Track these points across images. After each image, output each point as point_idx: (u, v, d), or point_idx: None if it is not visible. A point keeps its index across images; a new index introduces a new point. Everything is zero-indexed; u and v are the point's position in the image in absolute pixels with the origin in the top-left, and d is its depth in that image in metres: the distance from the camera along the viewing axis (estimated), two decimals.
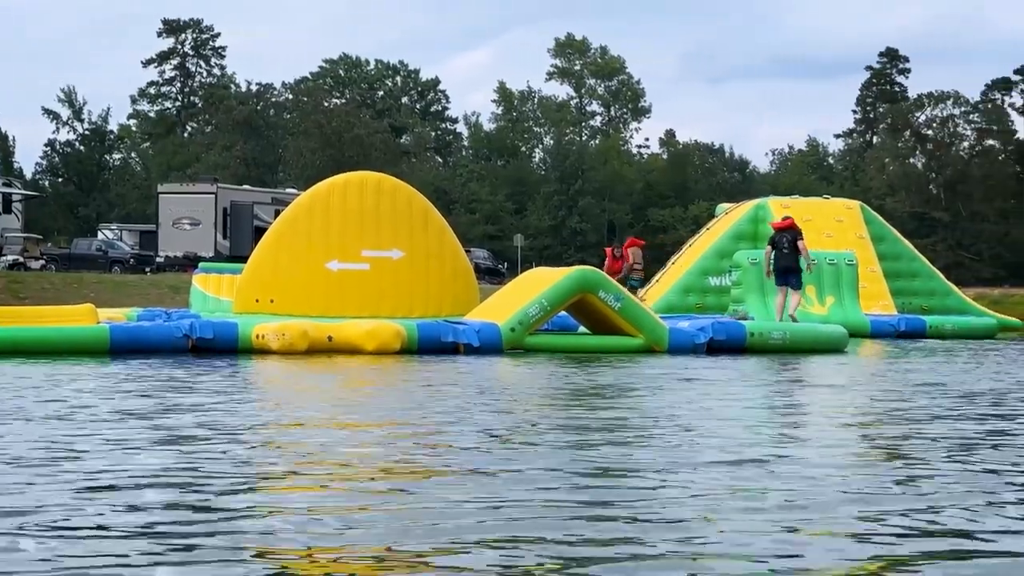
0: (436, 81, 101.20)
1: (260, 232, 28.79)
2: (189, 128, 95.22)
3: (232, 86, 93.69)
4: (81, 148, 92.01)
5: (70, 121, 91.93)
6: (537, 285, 17.90)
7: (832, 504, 5.05)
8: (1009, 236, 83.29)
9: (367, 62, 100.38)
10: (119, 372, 12.36)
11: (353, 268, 19.59)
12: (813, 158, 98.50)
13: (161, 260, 52.01)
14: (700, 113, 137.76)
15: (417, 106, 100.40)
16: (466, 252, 23.00)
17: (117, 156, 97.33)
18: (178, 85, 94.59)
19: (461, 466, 6.03)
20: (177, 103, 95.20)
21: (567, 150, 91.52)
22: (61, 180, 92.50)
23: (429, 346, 16.66)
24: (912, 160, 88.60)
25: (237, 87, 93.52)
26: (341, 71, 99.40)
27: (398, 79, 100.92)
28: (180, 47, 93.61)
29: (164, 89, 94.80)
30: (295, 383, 12.10)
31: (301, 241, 19.65)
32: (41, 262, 50.47)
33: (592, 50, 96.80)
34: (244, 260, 21.52)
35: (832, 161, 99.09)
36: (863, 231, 32.10)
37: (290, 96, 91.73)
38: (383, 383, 12.08)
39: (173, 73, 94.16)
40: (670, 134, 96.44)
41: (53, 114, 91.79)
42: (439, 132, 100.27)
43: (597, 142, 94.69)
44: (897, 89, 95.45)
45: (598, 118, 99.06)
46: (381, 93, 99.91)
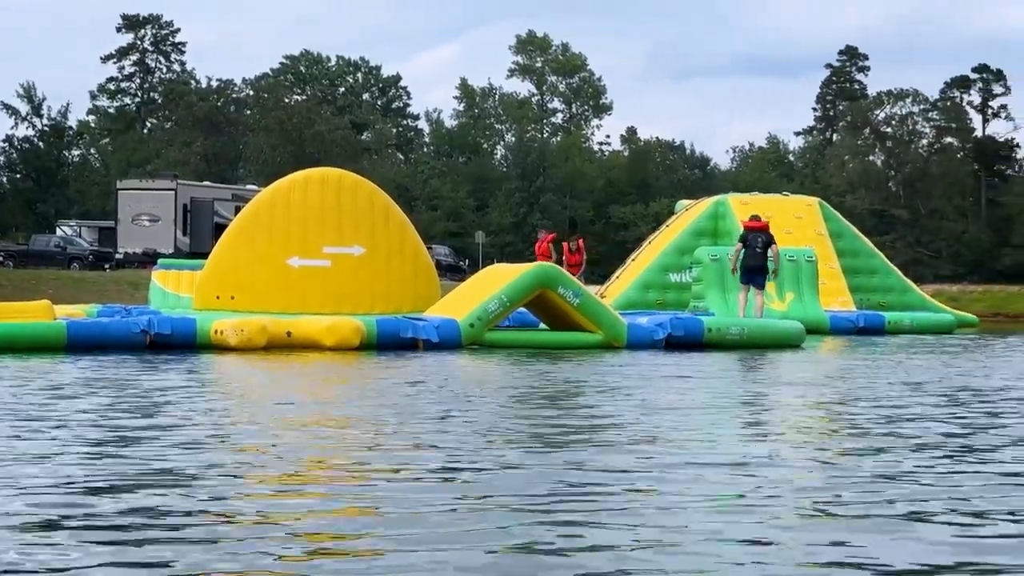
0: (397, 78, 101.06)
1: (220, 229, 28.72)
2: (149, 124, 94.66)
3: (192, 82, 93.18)
4: (40, 144, 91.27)
5: (29, 117, 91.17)
6: (496, 281, 17.94)
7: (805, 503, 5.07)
8: (967, 234, 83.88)
9: (328, 59, 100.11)
10: (71, 369, 12.32)
11: (314, 264, 19.59)
12: (774, 155, 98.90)
13: (120, 257, 51.71)
14: (661, 110, 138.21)
15: (378, 103, 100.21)
16: (427, 249, 23.02)
17: (76, 152, 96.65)
18: (138, 81, 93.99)
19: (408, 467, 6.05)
20: (137, 99, 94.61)
21: (528, 147, 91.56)
22: (19, 176, 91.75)
23: (388, 342, 16.68)
24: (872, 158, 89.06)
25: (197, 83, 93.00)
26: (302, 67, 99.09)
27: (359, 76, 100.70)
28: (139, 43, 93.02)
29: (124, 85, 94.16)
30: (246, 380, 12.09)
31: (262, 237, 19.63)
32: None
33: (553, 47, 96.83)
34: (204, 257, 21.47)
35: (792, 158, 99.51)
36: (822, 228, 32.29)
37: (251, 92, 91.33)
38: (338, 380, 12.09)
39: (133, 69, 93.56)
40: (631, 131, 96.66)
41: (12, 109, 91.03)
42: (400, 129, 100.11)
43: (558, 139, 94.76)
44: (857, 87, 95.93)
45: (559, 115, 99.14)
46: (342, 90, 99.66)
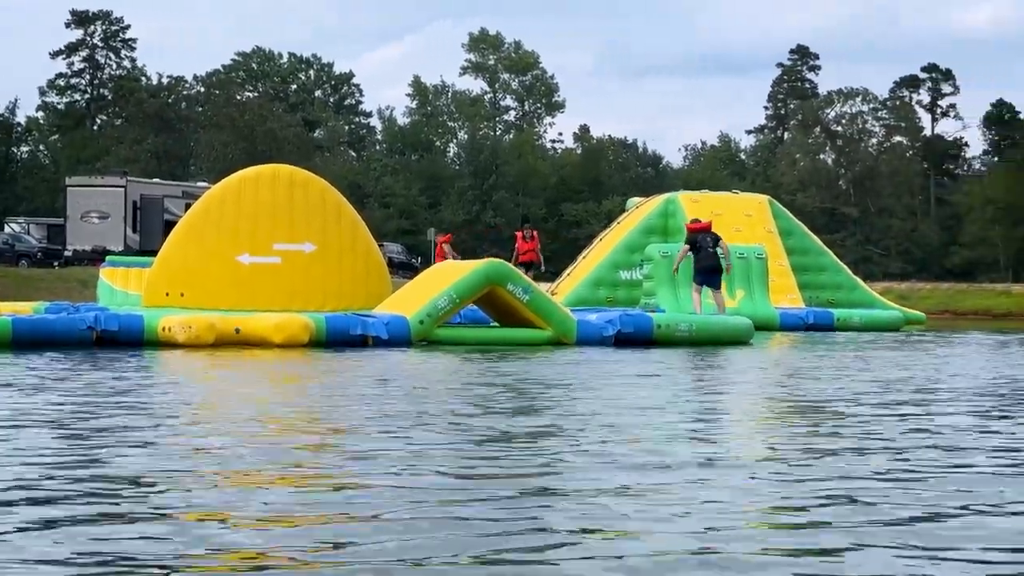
0: (350, 75, 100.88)
1: (170, 226, 28.55)
2: (99, 121, 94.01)
3: (143, 79, 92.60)
4: None
5: None
6: (446, 278, 17.94)
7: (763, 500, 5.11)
8: (916, 232, 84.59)
9: (280, 55, 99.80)
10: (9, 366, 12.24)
11: (264, 262, 19.53)
12: (725, 154, 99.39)
13: (69, 254, 51.37)
14: (614, 109, 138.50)
15: (331, 100, 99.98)
16: (380, 246, 22.99)
17: (25, 149, 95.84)
18: (87, 77, 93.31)
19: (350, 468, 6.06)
20: (86, 95, 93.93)
21: (481, 145, 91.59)
22: None
23: (337, 339, 16.65)
24: (822, 156, 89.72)
25: (148, 80, 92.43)
26: (254, 64, 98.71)
27: (311, 73, 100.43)
28: (89, 38, 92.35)
29: (73, 81, 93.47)
30: (186, 377, 12.05)
31: (212, 234, 19.55)
32: None
33: (506, 45, 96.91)
34: (154, 254, 21.34)
35: (744, 157, 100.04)
36: (772, 226, 32.49)
37: (202, 89, 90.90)
38: (286, 378, 12.07)
39: (82, 65, 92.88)
40: (584, 129, 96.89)
41: None
42: (353, 126, 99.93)
43: (511, 137, 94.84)
44: (808, 86, 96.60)
45: (512, 113, 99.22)
46: (294, 87, 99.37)
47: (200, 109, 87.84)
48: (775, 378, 12.41)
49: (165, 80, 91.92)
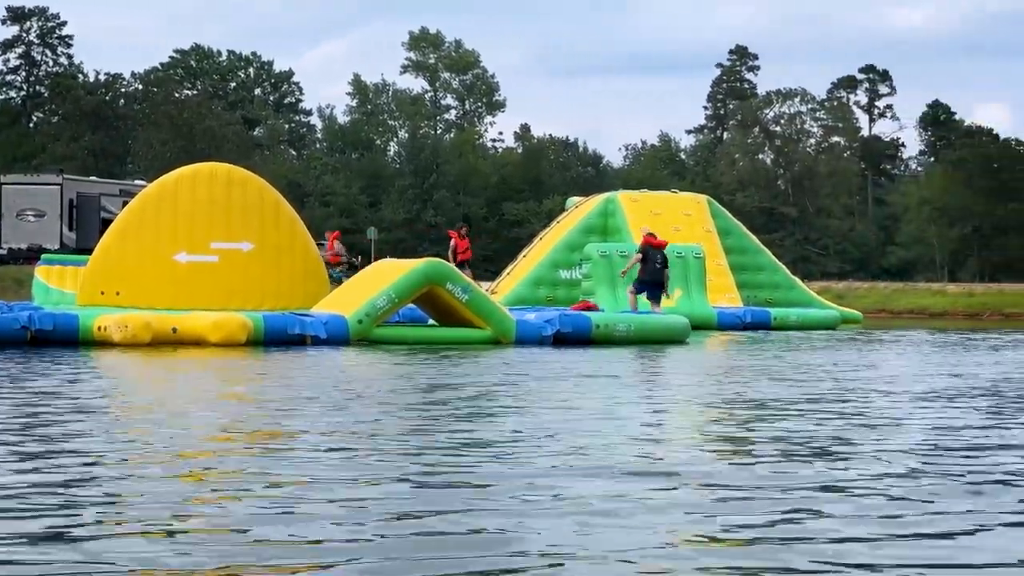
0: (290, 73, 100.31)
1: (107, 224, 28.29)
2: (35, 118, 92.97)
3: (80, 76, 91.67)
4: None
5: None
6: (385, 277, 17.91)
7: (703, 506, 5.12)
8: (854, 231, 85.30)
9: (219, 53, 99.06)
10: None
11: (202, 260, 19.41)
12: (665, 153, 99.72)
13: (4, 253, 50.76)
14: (555, 108, 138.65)
15: (270, 98, 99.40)
16: (320, 245, 22.91)
17: None
18: (23, 74, 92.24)
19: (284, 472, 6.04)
20: (22, 93, 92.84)
21: (422, 143, 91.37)
22: None
23: (276, 338, 16.58)
24: (761, 156, 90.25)
25: (85, 77, 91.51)
26: (192, 62, 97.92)
27: (251, 70, 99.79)
28: (25, 35, 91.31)
29: (9, 78, 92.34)
30: (111, 375, 11.97)
31: (148, 233, 19.40)
32: None
33: (447, 44, 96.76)
34: (90, 252, 21.13)
35: (684, 156, 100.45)
36: (710, 225, 32.66)
37: (140, 87, 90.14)
38: (217, 378, 12.01)
39: (18, 62, 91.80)
40: (525, 128, 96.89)
41: None
42: (293, 124, 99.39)
43: (452, 136, 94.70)
44: (747, 86, 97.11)
45: (453, 112, 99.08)
46: (233, 84, 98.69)
47: (138, 107, 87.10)
48: (711, 380, 12.49)
49: (102, 77, 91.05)
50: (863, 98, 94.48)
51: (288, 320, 16.90)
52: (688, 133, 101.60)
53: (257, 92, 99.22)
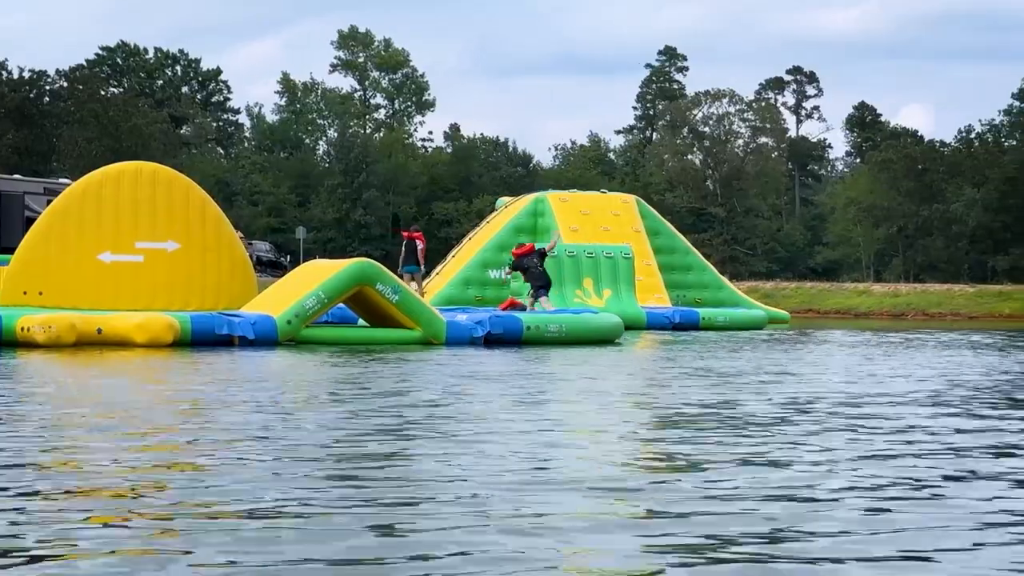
0: (218, 71, 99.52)
1: (31, 223, 27.90)
2: None
3: (2, 72, 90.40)
4: None
5: None
6: (314, 277, 17.80)
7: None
8: (781, 232, 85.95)
9: (146, 51, 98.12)
10: None
11: (126, 260, 19.19)
12: (595, 153, 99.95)
13: None
14: (484, 108, 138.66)
15: (198, 96, 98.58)
16: (248, 245, 22.72)
17: None
18: None
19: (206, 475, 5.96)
20: None
21: (351, 143, 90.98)
22: None
23: (203, 339, 16.42)
24: (690, 156, 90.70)
25: (8, 74, 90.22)
26: (119, 59, 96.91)
27: (178, 68, 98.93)
28: None
29: None
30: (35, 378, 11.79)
31: (72, 232, 19.15)
32: None
33: (376, 42, 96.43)
34: (13, 252, 20.81)
35: (613, 157, 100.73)
36: (639, 225, 32.78)
37: (65, 84, 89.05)
38: (145, 379, 11.87)
39: None
40: (455, 128, 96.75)
41: None
42: (220, 123, 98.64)
43: (382, 135, 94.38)
44: (676, 87, 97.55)
45: (383, 111, 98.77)
46: (160, 82, 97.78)
47: (63, 104, 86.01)
48: (641, 384, 12.50)
49: (27, 74, 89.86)
50: (790, 99, 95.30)
51: (216, 320, 16.74)
52: (617, 133, 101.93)
53: (184, 90, 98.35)
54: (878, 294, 54.97)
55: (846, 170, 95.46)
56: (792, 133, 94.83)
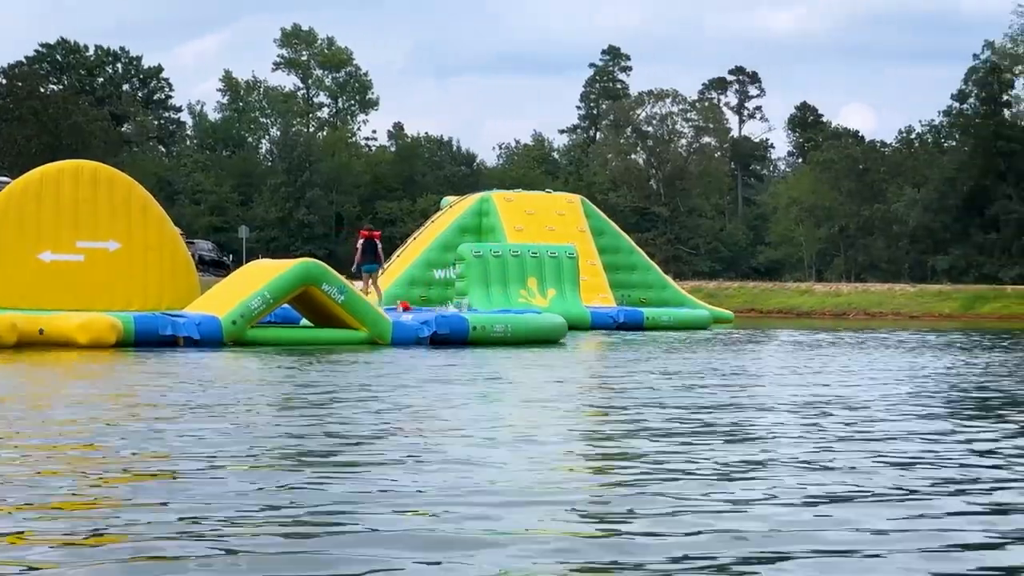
0: (159, 69, 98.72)
1: None
2: None
3: None
4: None
5: None
6: (259, 277, 17.68)
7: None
8: (724, 231, 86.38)
9: (86, 48, 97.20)
10: None
11: (67, 259, 18.98)
12: (539, 153, 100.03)
13: None
14: (428, 107, 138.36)
15: (139, 94, 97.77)
16: (190, 244, 22.54)
17: None
18: None
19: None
20: None
21: (294, 141, 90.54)
22: None
23: (147, 339, 16.26)
24: (633, 156, 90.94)
25: None
26: (59, 56, 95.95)
27: (119, 66, 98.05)
28: None
29: None
30: None
31: (11, 231, 18.92)
32: None
33: (319, 41, 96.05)
34: None
35: (557, 156, 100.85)
36: (584, 224, 32.83)
37: (3, 81, 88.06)
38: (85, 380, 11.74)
39: None
40: (398, 127, 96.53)
41: None
42: (162, 121, 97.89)
43: (325, 134, 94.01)
44: (619, 86, 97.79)
45: (326, 109, 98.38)
46: (101, 80, 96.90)
47: (1, 101, 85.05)
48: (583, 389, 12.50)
49: None
50: (733, 99, 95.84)
51: (159, 321, 16.59)
52: (561, 133, 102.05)
53: (125, 88, 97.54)
54: (820, 293, 55.34)
55: (788, 170, 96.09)
56: (735, 133, 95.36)
